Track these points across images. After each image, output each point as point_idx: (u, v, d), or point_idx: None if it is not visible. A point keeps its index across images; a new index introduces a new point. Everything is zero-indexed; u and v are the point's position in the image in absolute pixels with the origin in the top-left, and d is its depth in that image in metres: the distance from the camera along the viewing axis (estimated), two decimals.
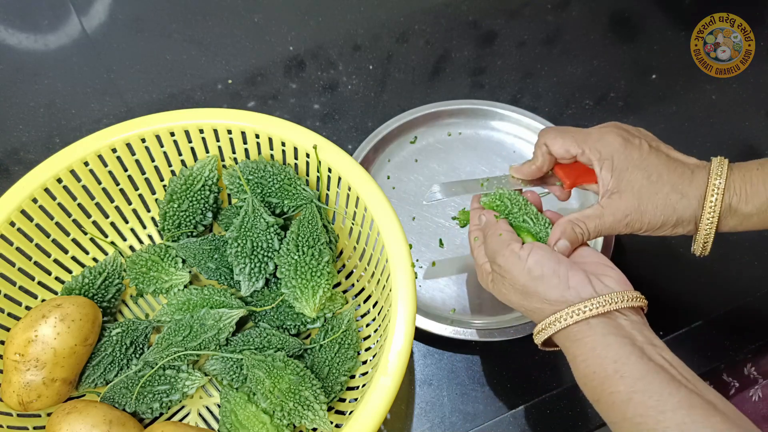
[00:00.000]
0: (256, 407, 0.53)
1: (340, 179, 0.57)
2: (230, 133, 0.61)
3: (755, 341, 0.64)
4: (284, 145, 0.60)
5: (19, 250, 0.56)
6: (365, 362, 0.57)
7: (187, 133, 0.61)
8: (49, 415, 0.54)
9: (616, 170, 0.51)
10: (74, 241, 0.61)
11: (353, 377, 0.57)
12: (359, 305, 0.61)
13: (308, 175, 0.62)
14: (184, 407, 0.58)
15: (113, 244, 0.64)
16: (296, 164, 0.62)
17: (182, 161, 0.63)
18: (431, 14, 0.89)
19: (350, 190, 0.56)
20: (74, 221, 0.61)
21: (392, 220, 0.53)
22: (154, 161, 0.62)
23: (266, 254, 0.59)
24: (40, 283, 0.59)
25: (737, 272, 0.68)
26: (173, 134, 0.60)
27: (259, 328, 0.59)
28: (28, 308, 0.57)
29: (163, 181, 0.64)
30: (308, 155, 0.59)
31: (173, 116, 0.60)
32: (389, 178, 0.74)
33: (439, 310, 0.65)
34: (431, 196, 0.58)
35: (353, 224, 0.60)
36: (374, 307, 0.59)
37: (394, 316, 0.48)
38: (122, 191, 0.63)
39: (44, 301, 0.56)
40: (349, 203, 0.58)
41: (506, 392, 0.61)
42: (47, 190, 0.57)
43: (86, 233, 0.62)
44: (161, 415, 0.57)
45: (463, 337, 0.61)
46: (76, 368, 0.54)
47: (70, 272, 0.61)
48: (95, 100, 0.80)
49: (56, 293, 0.60)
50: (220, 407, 0.55)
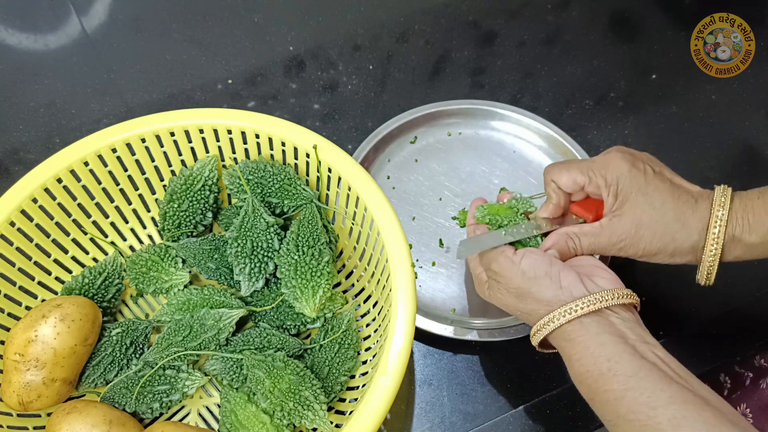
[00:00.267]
0: (256, 407, 0.53)
1: (340, 179, 0.57)
2: (230, 133, 0.61)
3: (755, 341, 0.64)
4: (284, 145, 0.60)
5: (19, 250, 0.56)
6: (365, 362, 0.57)
7: (187, 133, 0.61)
8: (49, 415, 0.54)
9: (621, 194, 0.51)
10: (74, 241, 0.61)
11: (353, 377, 0.57)
12: (359, 305, 0.61)
13: (308, 175, 0.62)
14: (184, 407, 0.58)
15: (113, 244, 0.64)
16: (296, 164, 0.62)
17: (182, 161, 0.63)
18: (431, 14, 0.89)
19: (350, 190, 0.56)
20: (74, 221, 0.61)
21: (392, 220, 0.53)
22: (154, 161, 0.62)
23: (266, 254, 0.59)
24: (40, 283, 0.59)
25: (737, 273, 0.68)
26: (173, 134, 0.60)
27: (259, 328, 0.59)
28: (28, 308, 0.57)
29: (163, 181, 0.64)
30: (308, 155, 0.59)
31: (173, 116, 0.60)
32: (389, 178, 0.74)
33: (439, 310, 0.65)
34: (459, 254, 0.56)
35: (353, 224, 0.60)
36: (374, 307, 0.59)
37: (394, 316, 0.48)
38: (122, 191, 0.63)
39: (44, 301, 0.56)
40: (349, 203, 0.58)
41: (506, 392, 0.61)
42: (47, 190, 0.57)
43: (86, 233, 0.62)
44: (161, 415, 0.57)
45: (463, 337, 0.62)
46: (76, 368, 0.54)
47: (70, 272, 0.61)
48: (95, 100, 0.80)
49: (56, 293, 0.60)
50: (220, 407, 0.55)
